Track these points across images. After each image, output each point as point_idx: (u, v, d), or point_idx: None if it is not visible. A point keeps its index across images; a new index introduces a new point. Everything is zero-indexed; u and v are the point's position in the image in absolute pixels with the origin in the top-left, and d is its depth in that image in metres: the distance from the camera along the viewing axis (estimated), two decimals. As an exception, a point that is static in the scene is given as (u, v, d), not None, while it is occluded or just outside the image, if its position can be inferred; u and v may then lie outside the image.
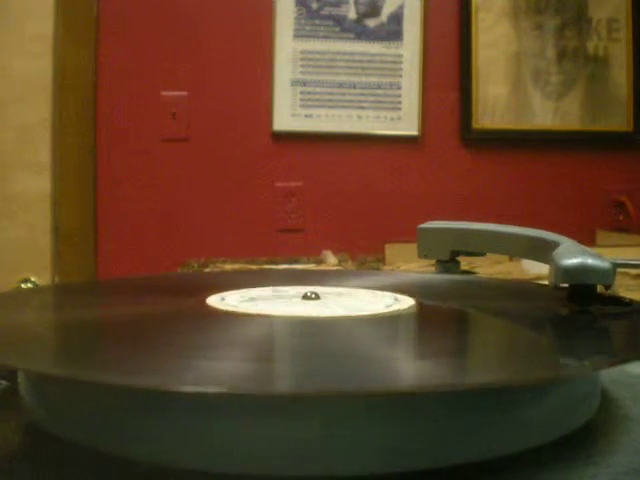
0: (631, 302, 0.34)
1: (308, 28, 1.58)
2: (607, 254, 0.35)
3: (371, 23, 1.59)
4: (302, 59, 1.58)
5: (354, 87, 1.59)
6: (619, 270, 0.35)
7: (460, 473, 0.23)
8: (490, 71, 1.63)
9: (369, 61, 1.59)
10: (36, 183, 1.51)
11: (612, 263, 0.34)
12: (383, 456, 0.23)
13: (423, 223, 0.50)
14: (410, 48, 1.60)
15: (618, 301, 0.34)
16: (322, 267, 1.34)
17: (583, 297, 0.34)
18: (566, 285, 0.34)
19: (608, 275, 0.33)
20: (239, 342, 0.29)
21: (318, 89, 1.58)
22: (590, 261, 0.33)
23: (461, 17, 1.63)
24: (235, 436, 0.23)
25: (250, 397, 0.23)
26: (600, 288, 0.34)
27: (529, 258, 0.43)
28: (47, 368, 0.24)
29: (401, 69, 1.60)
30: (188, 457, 0.23)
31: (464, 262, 0.49)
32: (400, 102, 1.60)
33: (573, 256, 0.34)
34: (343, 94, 1.59)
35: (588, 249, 0.35)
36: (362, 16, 1.59)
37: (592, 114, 1.67)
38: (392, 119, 1.60)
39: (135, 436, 0.24)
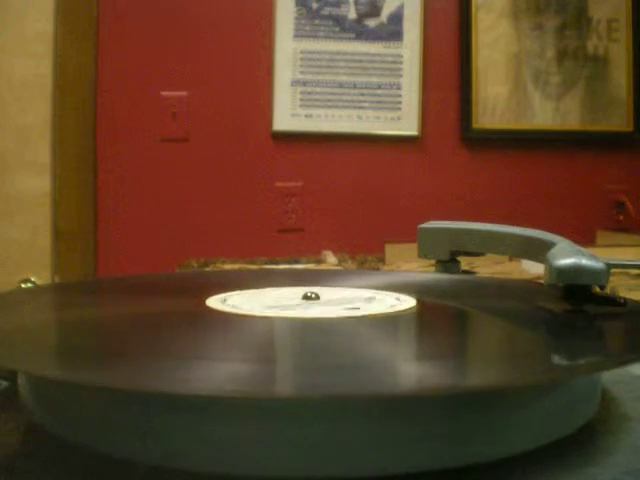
0: (625, 302, 0.34)
1: (308, 28, 1.58)
2: (607, 254, 0.35)
3: (371, 23, 1.59)
4: (302, 59, 1.58)
5: (354, 87, 1.59)
6: (619, 270, 0.35)
7: (460, 475, 0.23)
8: (490, 71, 1.63)
9: (369, 61, 1.59)
10: (36, 183, 1.52)
11: (606, 264, 0.34)
12: (382, 458, 0.23)
13: (423, 223, 0.50)
14: (410, 48, 1.60)
15: (613, 301, 0.34)
16: (322, 267, 1.34)
17: (578, 297, 0.34)
18: (561, 284, 0.34)
19: (602, 276, 0.33)
20: (239, 343, 0.29)
21: (318, 89, 1.58)
22: (584, 261, 0.34)
23: (461, 17, 1.63)
24: (235, 438, 0.23)
25: (250, 399, 0.22)
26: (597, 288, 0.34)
27: (526, 258, 0.43)
28: (46, 370, 0.24)
29: (401, 69, 1.60)
30: (188, 458, 0.23)
31: (464, 262, 0.49)
32: (400, 102, 1.60)
33: (567, 256, 0.34)
34: (343, 94, 1.59)
35: (583, 249, 0.35)
36: (362, 16, 1.59)
37: (592, 114, 1.67)
38: (392, 119, 1.60)
39: (135, 437, 0.24)
